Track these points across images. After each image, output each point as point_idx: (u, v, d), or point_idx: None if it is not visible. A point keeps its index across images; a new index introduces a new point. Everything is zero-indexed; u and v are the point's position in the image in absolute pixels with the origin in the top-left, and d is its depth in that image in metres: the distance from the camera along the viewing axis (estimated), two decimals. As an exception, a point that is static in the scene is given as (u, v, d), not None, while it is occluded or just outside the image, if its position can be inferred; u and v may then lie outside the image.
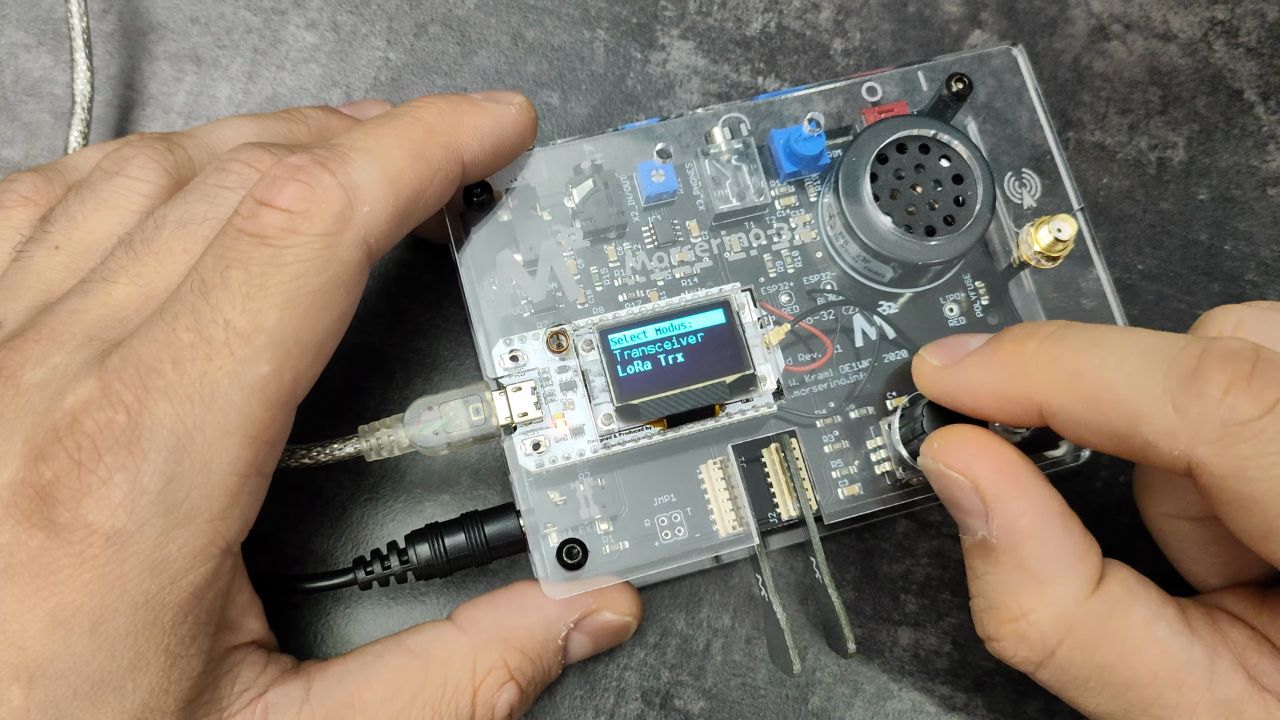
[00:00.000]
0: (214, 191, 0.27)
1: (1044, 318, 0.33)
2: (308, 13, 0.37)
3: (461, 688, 0.28)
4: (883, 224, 0.31)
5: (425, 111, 0.27)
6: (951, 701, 0.34)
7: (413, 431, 0.28)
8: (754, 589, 0.33)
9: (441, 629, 0.29)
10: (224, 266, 0.24)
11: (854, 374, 0.32)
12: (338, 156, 0.26)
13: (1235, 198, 0.37)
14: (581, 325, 0.29)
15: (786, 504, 0.31)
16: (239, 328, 0.24)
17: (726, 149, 0.32)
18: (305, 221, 0.25)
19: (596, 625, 0.30)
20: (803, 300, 0.32)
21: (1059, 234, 0.30)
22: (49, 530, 0.23)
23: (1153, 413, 0.24)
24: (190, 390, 0.24)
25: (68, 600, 0.23)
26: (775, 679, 0.33)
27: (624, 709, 0.33)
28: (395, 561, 0.29)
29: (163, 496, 0.23)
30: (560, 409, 0.29)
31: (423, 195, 0.27)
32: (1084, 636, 0.26)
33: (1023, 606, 0.26)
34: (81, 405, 0.23)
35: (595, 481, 0.30)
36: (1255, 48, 0.38)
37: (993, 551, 0.26)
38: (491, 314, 0.30)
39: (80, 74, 0.33)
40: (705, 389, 0.29)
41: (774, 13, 0.37)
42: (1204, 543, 0.30)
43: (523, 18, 0.37)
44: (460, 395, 0.29)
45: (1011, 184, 0.33)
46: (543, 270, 0.31)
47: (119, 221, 0.28)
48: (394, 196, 0.26)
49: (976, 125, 0.34)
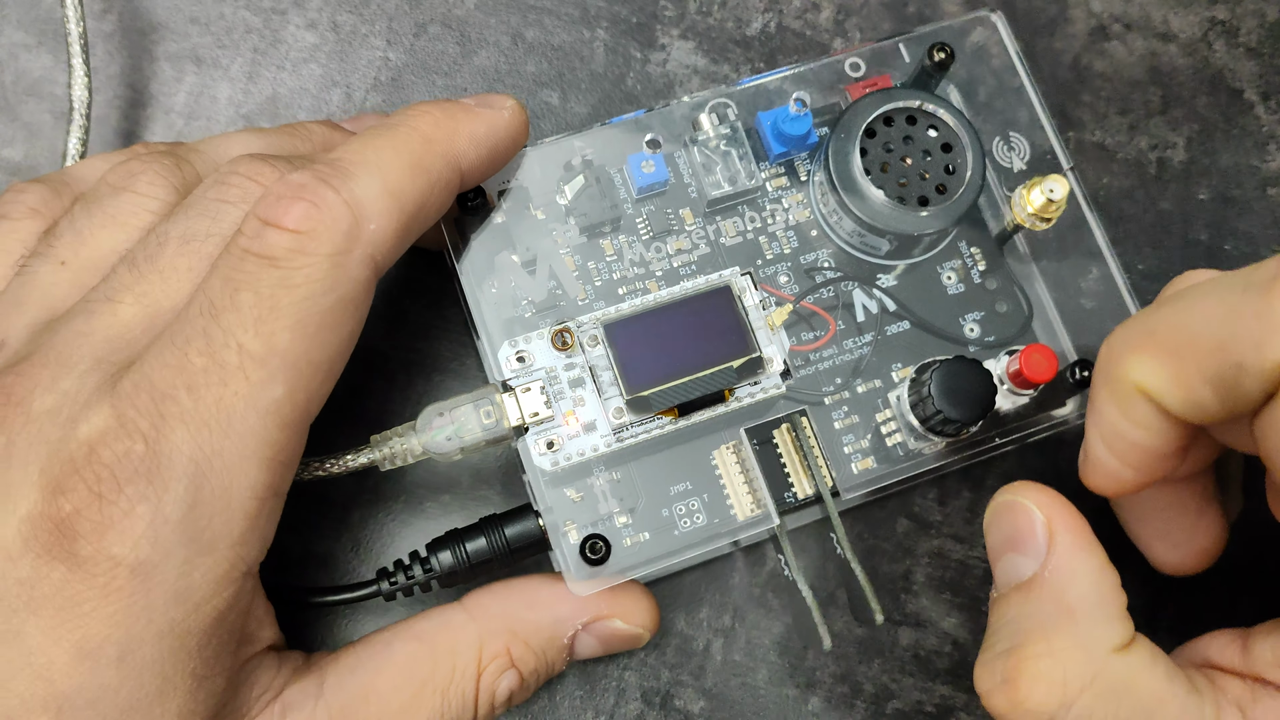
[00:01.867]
0: (215, 206, 0.27)
1: (1040, 280, 0.33)
2: (308, 13, 0.37)
3: (467, 673, 0.28)
4: (876, 197, 0.31)
5: (422, 121, 0.27)
6: (951, 701, 0.34)
7: (425, 439, 0.28)
8: (780, 568, 0.33)
9: (450, 614, 0.29)
10: (233, 290, 0.24)
11: (858, 349, 0.32)
12: (340, 173, 0.25)
13: (1235, 197, 0.37)
14: (585, 321, 0.29)
15: (801, 482, 0.31)
16: (252, 351, 0.24)
17: (714, 135, 0.32)
18: (313, 242, 0.25)
19: (606, 631, 0.30)
20: (801, 280, 0.32)
21: (1051, 195, 0.30)
22: (71, 563, 0.23)
23: (1236, 332, 0.23)
24: (206, 416, 0.24)
25: (94, 632, 0.23)
26: (775, 679, 0.33)
27: (624, 709, 0.33)
28: (419, 570, 0.29)
29: (184, 525, 0.23)
30: (571, 406, 0.29)
31: (425, 208, 0.27)
32: (1108, 687, 0.25)
33: (1052, 644, 0.25)
34: (98, 435, 0.23)
35: (611, 475, 0.30)
36: (1255, 48, 0.38)
37: (1037, 588, 0.26)
38: (494, 317, 0.30)
39: (78, 80, 0.33)
40: (713, 375, 0.29)
41: (774, 12, 0.38)
42: (1185, 509, 0.30)
43: (522, 17, 0.37)
44: (470, 399, 0.29)
45: (1000, 148, 0.33)
46: (541, 269, 0.31)
47: (126, 239, 0.28)
48: (398, 211, 0.26)
49: (959, 93, 0.34)
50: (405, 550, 0.33)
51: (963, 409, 0.29)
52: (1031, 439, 0.32)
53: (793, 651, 0.33)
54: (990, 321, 0.32)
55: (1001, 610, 0.27)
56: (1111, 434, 0.27)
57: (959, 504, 0.35)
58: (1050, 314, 0.33)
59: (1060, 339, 0.33)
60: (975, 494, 0.35)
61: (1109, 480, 0.27)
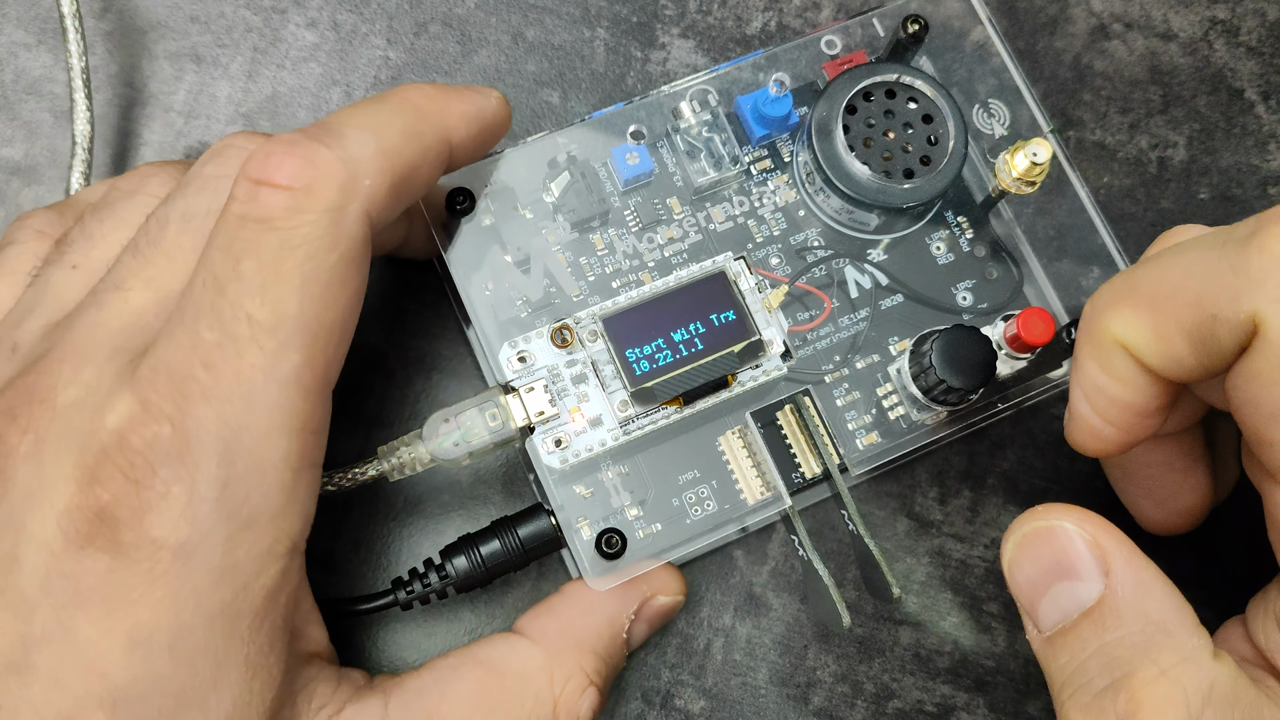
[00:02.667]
0: (213, 181, 0.26)
1: (1028, 246, 0.33)
2: (308, 11, 0.37)
3: (542, 699, 0.28)
4: (861, 173, 0.31)
5: (413, 94, 0.27)
6: (952, 701, 0.34)
7: (433, 446, 0.28)
8: (794, 549, 0.33)
9: (514, 641, 0.29)
10: (234, 259, 0.24)
11: (854, 325, 0.32)
12: (332, 133, 0.25)
13: (1236, 197, 0.37)
14: (583, 317, 0.29)
15: (808, 462, 0.31)
16: (262, 320, 0.23)
17: (696, 122, 0.32)
18: (309, 198, 0.24)
19: (653, 610, 0.30)
20: (793, 260, 0.32)
21: (1035, 158, 0.31)
22: (114, 551, 0.23)
23: (1214, 284, 0.23)
24: (228, 391, 0.23)
25: (144, 619, 0.22)
26: (775, 679, 0.33)
27: (624, 709, 0.33)
28: (434, 578, 0.29)
29: (222, 502, 0.23)
30: (575, 402, 0.29)
31: (416, 172, 0.26)
32: (1222, 697, 0.23)
33: (1161, 664, 0.23)
34: (125, 422, 0.23)
35: (619, 469, 0.30)
36: (1256, 47, 0.38)
37: (1113, 612, 0.24)
38: (491, 319, 0.30)
39: (80, 115, 0.32)
40: (715, 361, 0.29)
41: (774, 11, 0.37)
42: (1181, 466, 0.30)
43: (523, 16, 0.37)
44: (474, 403, 0.29)
45: (980, 116, 0.33)
46: (535, 268, 0.31)
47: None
48: (390, 170, 0.25)
49: (934, 65, 0.34)
50: (408, 549, 0.33)
51: (966, 376, 0.29)
52: (1030, 403, 0.33)
53: (793, 651, 0.34)
54: (982, 289, 0.33)
55: (1076, 644, 0.24)
56: (1093, 390, 0.27)
57: (959, 503, 0.35)
58: (1040, 277, 0.33)
59: (1051, 301, 0.33)
60: (975, 493, 0.35)
61: (1093, 438, 0.27)
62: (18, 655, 0.23)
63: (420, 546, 0.33)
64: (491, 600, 0.33)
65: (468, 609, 0.33)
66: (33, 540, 0.23)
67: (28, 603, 0.23)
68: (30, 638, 0.23)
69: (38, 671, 0.23)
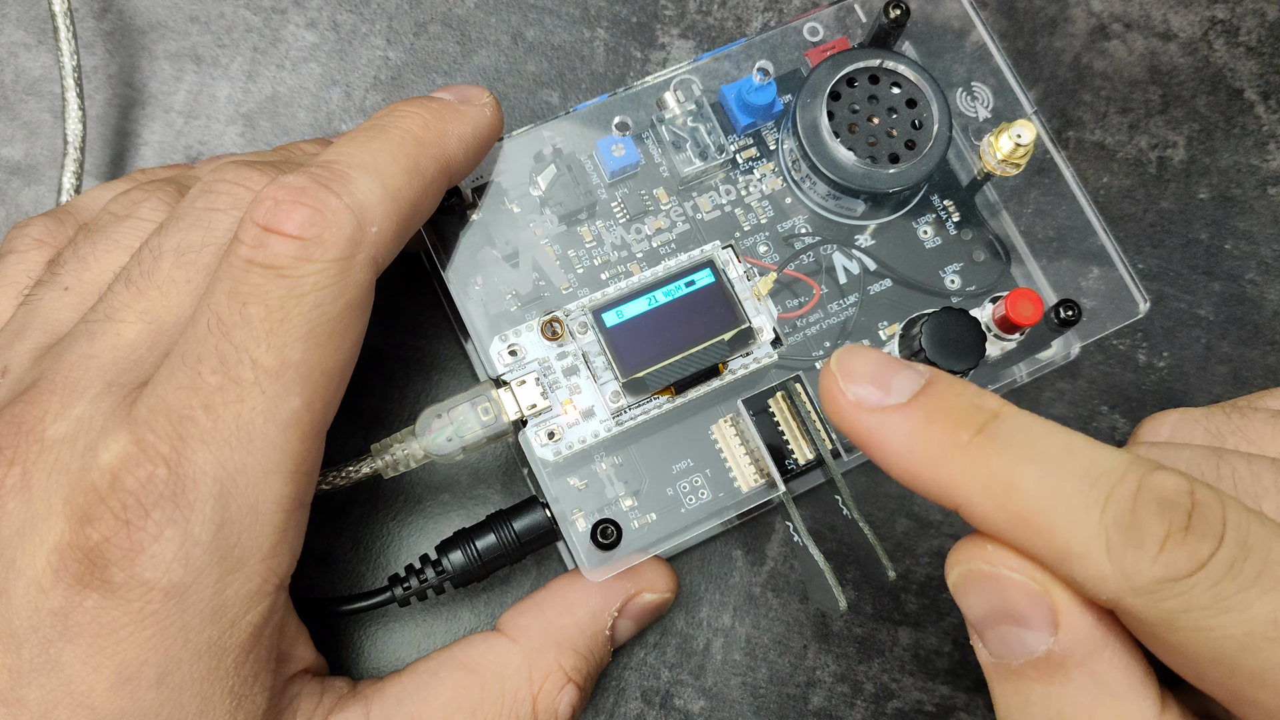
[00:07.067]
0: (206, 215, 0.26)
1: (1014, 228, 0.33)
2: (307, 12, 0.37)
3: (521, 697, 0.28)
4: (847, 159, 0.31)
5: (412, 123, 0.27)
6: (952, 701, 0.34)
7: (426, 442, 0.28)
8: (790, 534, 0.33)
9: (492, 640, 0.29)
10: (241, 303, 0.24)
11: (844, 310, 0.32)
12: (338, 176, 0.25)
13: (1235, 197, 0.37)
14: (573, 309, 0.29)
15: (801, 448, 0.31)
16: (267, 365, 0.24)
17: (681, 112, 0.32)
18: (319, 249, 0.24)
19: (639, 608, 0.30)
20: (781, 248, 0.32)
21: (1019, 139, 0.31)
22: (105, 590, 0.23)
23: (1085, 554, 0.21)
24: (227, 435, 0.23)
25: (132, 656, 0.23)
26: (775, 678, 0.33)
27: (624, 708, 0.33)
28: (431, 574, 0.29)
29: (215, 544, 0.23)
30: (567, 395, 0.29)
31: (419, 209, 0.27)
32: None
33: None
34: (119, 462, 0.23)
35: (613, 460, 0.30)
36: (1255, 47, 0.38)
37: (1062, 667, 0.22)
38: (481, 314, 0.30)
39: (72, 115, 0.32)
40: (706, 350, 0.29)
41: (774, 11, 0.38)
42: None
43: (523, 17, 0.37)
44: (466, 398, 0.29)
45: (964, 99, 0.33)
46: (524, 262, 0.31)
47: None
48: (397, 214, 0.26)
49: (917, 50, 0.34)
50: (407, 548, 0.33)
51: (956, 359, 0.29)
52: (1018, 385, 0.33)
53: (793, 651, 0.34)
54: (970, 272, 0.33)
55: (1023, 687, 0.23)
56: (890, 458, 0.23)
57: (959, 505, 0.35)
58: (1026, 258, 0.33)
59: (1038, 282, 0.33)
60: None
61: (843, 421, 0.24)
62: (6, 688, 0.23)
63: (419, 545, 0.33)
64: (491, 597, 0.33)
65: (466, 606, 0.33)
66: (21, 576, 0.23)
67: (15, 637, 0.23)
68: (19, 671, 0.23)
69: (26, 704, 0.23)
